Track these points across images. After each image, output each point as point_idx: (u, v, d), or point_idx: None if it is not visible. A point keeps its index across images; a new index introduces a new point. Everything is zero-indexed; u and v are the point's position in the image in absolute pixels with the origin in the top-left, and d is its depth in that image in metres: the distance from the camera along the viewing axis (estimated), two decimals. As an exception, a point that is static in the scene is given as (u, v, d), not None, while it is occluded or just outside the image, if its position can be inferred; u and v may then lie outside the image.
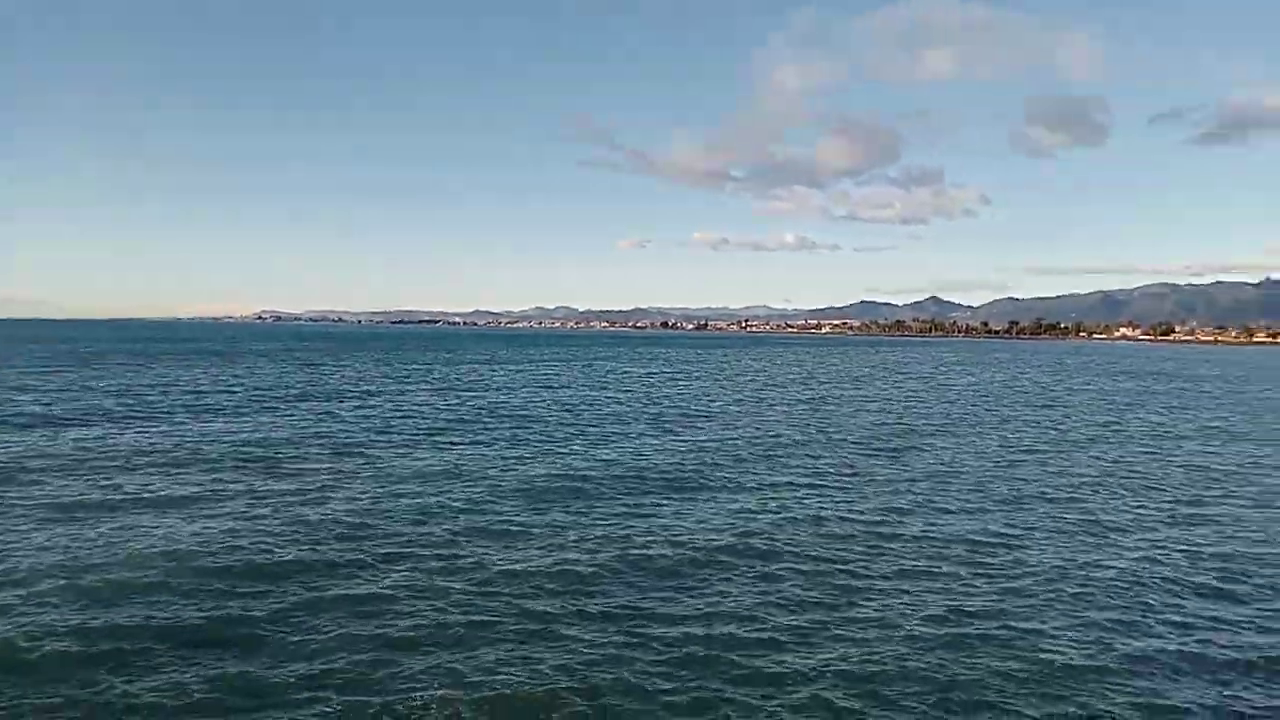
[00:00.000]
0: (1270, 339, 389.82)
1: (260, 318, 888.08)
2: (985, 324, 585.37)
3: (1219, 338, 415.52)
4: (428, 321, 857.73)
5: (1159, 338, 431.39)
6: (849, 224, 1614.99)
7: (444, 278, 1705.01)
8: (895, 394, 60.60)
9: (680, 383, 67.86)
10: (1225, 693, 11.22)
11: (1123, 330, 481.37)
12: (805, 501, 21.86)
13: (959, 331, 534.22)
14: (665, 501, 21.51)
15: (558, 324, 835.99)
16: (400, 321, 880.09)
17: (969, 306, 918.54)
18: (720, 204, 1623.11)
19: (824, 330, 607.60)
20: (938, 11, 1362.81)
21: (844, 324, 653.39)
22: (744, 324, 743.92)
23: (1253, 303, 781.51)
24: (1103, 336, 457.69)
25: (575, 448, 30.06)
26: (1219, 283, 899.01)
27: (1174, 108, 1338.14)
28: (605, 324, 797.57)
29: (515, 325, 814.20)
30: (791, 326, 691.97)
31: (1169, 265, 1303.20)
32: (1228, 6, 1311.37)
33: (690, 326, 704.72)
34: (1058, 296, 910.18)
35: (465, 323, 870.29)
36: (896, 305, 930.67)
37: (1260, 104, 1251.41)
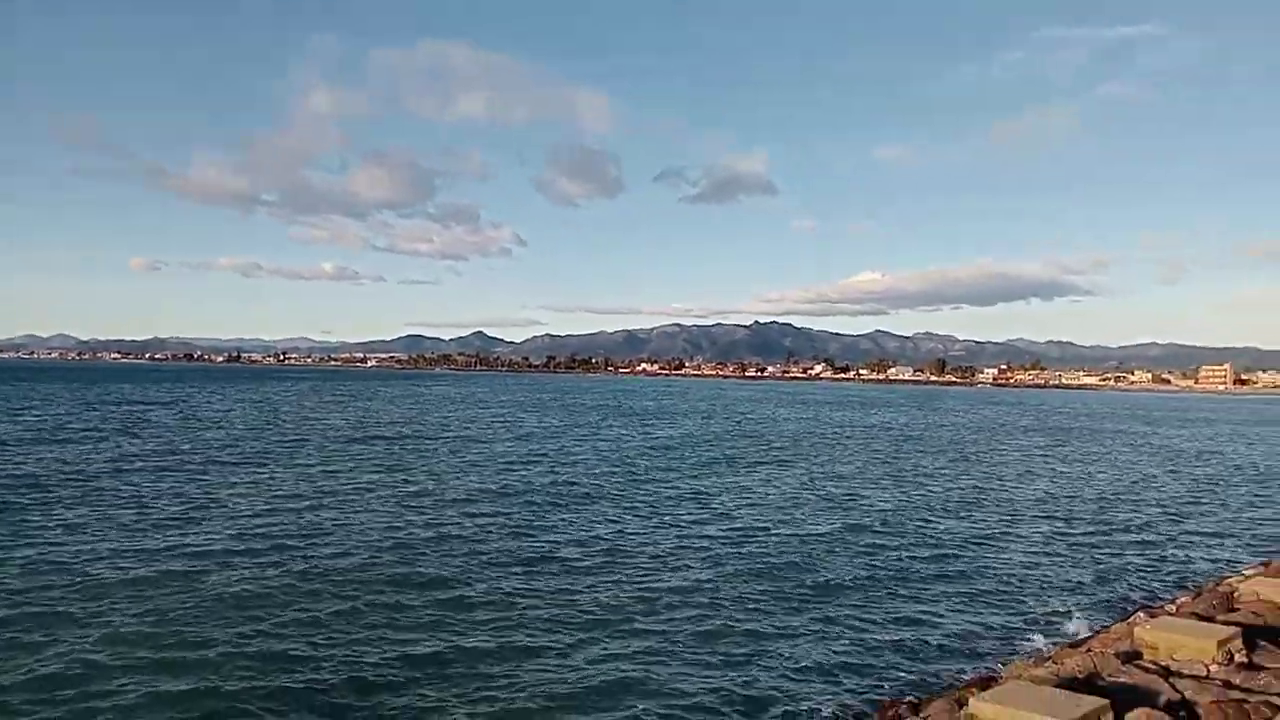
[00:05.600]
0: (759, 373, 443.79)
1: None
2: (526, 359, 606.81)
3: (718, 372, 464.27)
4: None
5: (673, 371, 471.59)
6: (391, 256, 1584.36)
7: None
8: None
9: None
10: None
11: (644, 365, 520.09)
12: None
13: (503, 366, 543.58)
14: None
15: (55, 355, 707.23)
16: None
17: (511, 342, 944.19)
18: (251, 228, 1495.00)
19: (370, 364, 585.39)
20: (459, 55, 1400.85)
21: (391, 358, 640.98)
22: (282, 357, 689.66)
23: (745, 342, 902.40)
24: (627, 371, 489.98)
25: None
26: (719, 324, 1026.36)
27: (671, 167, 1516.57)
28: (117, 355, 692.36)
29: (1, 355, 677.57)
30: (335, 360, 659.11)
31: (677, 308, 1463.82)
32: (704, 84, 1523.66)
33: (220, 359, 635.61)
34: (590, 334, 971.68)
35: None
36: (443, 340, 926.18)
37: (737, 170, 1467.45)
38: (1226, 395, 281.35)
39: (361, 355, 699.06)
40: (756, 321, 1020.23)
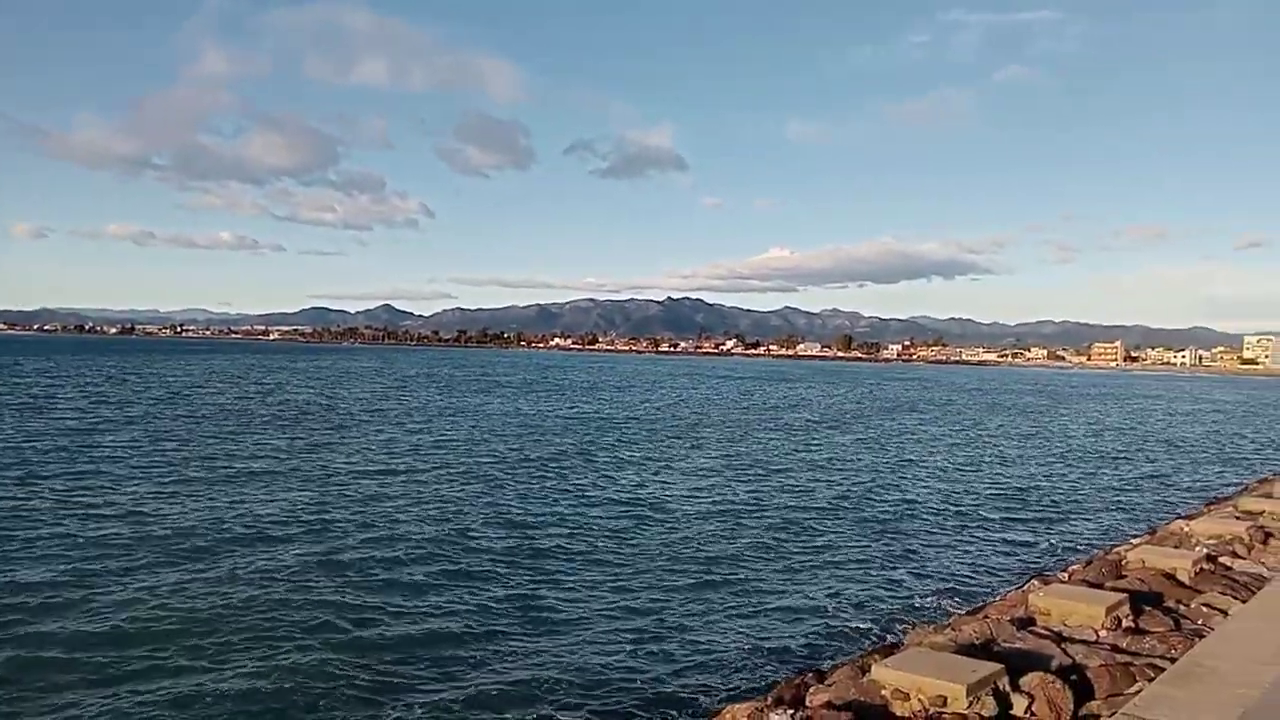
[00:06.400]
0: (672, 349, 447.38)
1: None
2: (436, 333, 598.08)
3: (632, 347, 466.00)
4: None
5: (586, 346, 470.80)
6: (292, 225, 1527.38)
7: None
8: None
9: None
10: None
11: (557, 340, 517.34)
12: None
13: (412, 340, 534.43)
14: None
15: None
16: None
17: (421, 315, 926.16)
18: (142, 194, 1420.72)
19: (272, 337, 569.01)
20: (358, 18, 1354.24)
21: (294, 331, 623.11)
22: (178, 329, 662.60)
23: (658, 317, 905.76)
24: (540, 345, 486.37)
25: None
26: (633, 300, 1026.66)
27: (581, 140, 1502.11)
28: (4, 326, 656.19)
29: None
30: (235, 333, 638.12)
31: (590, 282, 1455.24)
32: (613, 56, 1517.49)
33: (113, 330, 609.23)
34: (502, 308, 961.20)
35: None
36: (349, 313, 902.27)
37: (647, 144, 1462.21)
38: (1117, 371, 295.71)
39: (263, 328, 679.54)
40: (670, 297, 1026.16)
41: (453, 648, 12.79)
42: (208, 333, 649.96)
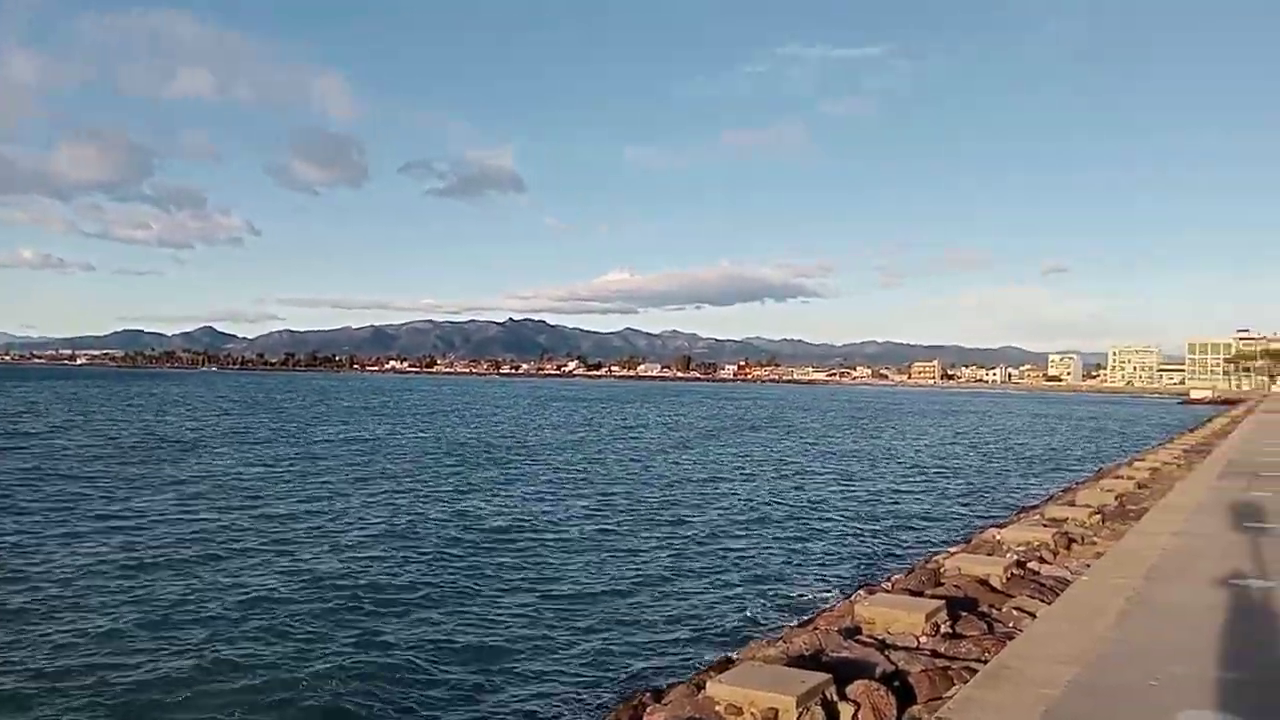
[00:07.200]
0: (514, 371, 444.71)
1: None
2: (262, 355, 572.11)
3: (472, 369, 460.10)
4: None
5: (424, 369, 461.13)
6: (103, 243, 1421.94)
7: None
8: None
9: None
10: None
11: (393, 363, 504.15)
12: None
13: (235, 364, 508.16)
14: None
15: None
16: None
17: (245, 338, 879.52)
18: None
19: (79, 362, 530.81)
20: (180, 27, 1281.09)
21: (105, 355, 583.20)
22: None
23: (499, 338, 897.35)
24: (375, 369, 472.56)
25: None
26: (473, 321, 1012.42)
27: (418, 159, 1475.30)
28: None
29: None
30: (38, 357, 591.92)
31: (429, 303, 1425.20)
32: (450, 75, 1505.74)
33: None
34: (335, 329, 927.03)
35: None
36: (166, 335, 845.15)
37: (485, 164, 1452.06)
38: (936, 389, 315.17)
39: (69, 352, 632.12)
40: (511, 318, 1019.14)
41: (273, 694, 11.97)
42: (7, 357, 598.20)
